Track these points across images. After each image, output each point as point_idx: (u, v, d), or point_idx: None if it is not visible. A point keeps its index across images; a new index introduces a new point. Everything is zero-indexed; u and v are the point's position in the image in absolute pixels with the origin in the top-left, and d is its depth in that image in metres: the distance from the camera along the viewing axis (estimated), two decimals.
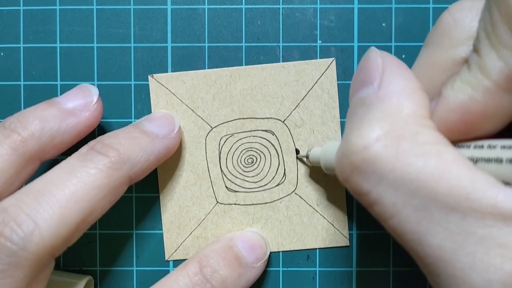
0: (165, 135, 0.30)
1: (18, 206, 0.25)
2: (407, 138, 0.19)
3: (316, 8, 0.32)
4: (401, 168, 0.19)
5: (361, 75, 0.22)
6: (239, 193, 0.33)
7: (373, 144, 0.19)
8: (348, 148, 0.20)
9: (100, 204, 0.27)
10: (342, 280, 0.33)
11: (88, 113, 0.29)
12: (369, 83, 0.21)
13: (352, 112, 0.22)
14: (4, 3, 0.33)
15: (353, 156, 0.20)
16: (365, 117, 0.21)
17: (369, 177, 0.20)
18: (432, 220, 0.18)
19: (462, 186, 0.18)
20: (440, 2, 0.32)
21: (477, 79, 0.20)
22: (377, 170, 0.19)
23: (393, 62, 0.22)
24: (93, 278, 0.33)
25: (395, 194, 0.19)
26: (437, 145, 0.19)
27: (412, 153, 0.19)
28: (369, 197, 0.20)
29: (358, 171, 0.20)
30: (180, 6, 0.33)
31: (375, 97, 0.21)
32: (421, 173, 0.18)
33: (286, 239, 0.33)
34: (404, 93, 0.20)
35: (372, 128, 0.20)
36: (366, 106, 0.21)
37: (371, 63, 0.22)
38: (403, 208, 0.19)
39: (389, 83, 0.21)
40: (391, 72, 0.21)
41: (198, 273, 0.29)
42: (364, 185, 0.20)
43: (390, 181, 0.19)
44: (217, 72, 0.33)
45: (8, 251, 0.24)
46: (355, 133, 0.20)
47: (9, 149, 0.26)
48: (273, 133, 0.33)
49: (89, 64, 0.33)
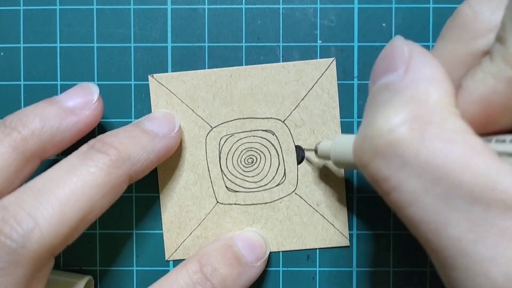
0: (165, 134, 0.30)
1: (18, 204, 0.25)
2: (435, 124, 0.19)
3: (316, 8, 0.32)
4: (426, 154, 0.18)
5: (385, 62, 0.22)
6: (239, 193, 0.33)
7: (399, 127, 0.19)
8: (371, 131, 0.20)
9: (100, 202, 0.26)
10: (342, 280, 0.33)
11: (88, 111, 0.29)
12: (394, 70, 0.21)
13: (373, 98, 0.21)
14: (4, 3, 0.33)
15: (376, 139, 0.19)
16: (390, 101, 0.20)
17: (392, 161, 0.19)
18: (454, 210, 0.18)
19: (488, 176, 0.17)
20: (440, 2, 0.32)
21: (500, 70, 0.19)
22: (401, 154, 0.19)
23: (420, 50, 0.21)
24: (93, 278, 0.33)
25: (417, 180, 0.18)
26: (464, 133, 0.19)
27: (438, 139, 0.18)
28: (388, 183, 0.19)
29: (380, 155, 0.19)
30: (180, 6, 0.33)
31: (401, 83, 0.20)
32: (446, 160, 0.18)
33: (286, 239, 0.33)
34: (432, 79, 0.20)
35: (398, 112, 0.19)
36: (390, 91, 0.20)
37: (396, 51, 0.21)
38: (423, 196, 0.18)
39: (416, 70, 0.20)
40: (418, 59, 0.21)
41: (198, 272, 0.29)
42: (385, 170, 0.19)
43: (413, 166, 0.18)
44: (217, 72, 0.33)
45: (7, 249, 0.24)
46: (379, 116, 0.20)
47: (9, 147, 0.26)
48: (273, 133, 0.33)
49: (89, 64, 0.33)
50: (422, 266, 0.33)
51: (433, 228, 0.18)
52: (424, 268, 0.33)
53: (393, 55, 0.21)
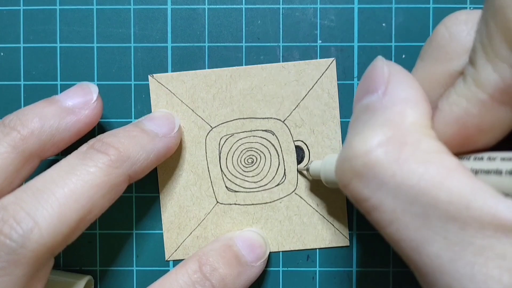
0: (165, 134, 0.30)
1: (17, 204, 0.25)
2: (409, 145, 0.19)
3: (316, 8, 0.32)
4: (402, 174, 0.19)
5: (366, 83, 0.22)
6: (239, 193, 0.33)
7: (375, 149, 0.19)
8: (349, 152, 0.20)
9: (100, 202, 0.26)
10: (342, 280, 0.33)
11: (87, 111, 0.29)
12: (374, 91, 0.21)
13: (355, 118, 0.22)
14: (4, 3, 0.33)
15: (354, 161, 0.20)
16: (368, 122, 0.21)
17: (370, 182, 0.20)
18: (431, 228, 0.18)
19: (462, 195, 0.18)
20: (440, 2, 0.32)
21: (472, 92, 0.19)
22: (378, 175, 0.19)
23: (399, 71, 0.22)
24: (93, 278, 0.33)
25: (394, 200, 0.19)
26: (439, 153, 0.19)
27: (413, 160, 0.19)
28: (369, 203, 0.20)
29: (358, 176, 0.20)
30: (180, 6, 0.33)
31: (379, 104, 0.21)
32: (421, 180, 0.18)
33: (286, 239, 0.33)
34: (409, 101, 0.20)
35: (374, 134, 0.20)
36: (369, 112, 0.21)
37: (377, 72, 0.22)
38: (402, 215, 0.19)
39: (394, 91, 0.21)
40: (396, 80, 0.21)
41: (197, 271, 0.29)
42: (364, 190, 0.20)
43: (390, 187, 0.19)
44: (217, 72, 0.33)
45: (7, 248, 0.24)
46: (357, 138, 0.20)
47: (9, 147, 0.26)
48: (273, 133, 0.33)
49: (89, 64, 0.33)
50: None
51: (413, 246, 0.19)
52: None
53: (373, 76, 0.22)
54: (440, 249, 0.18)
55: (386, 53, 0.32)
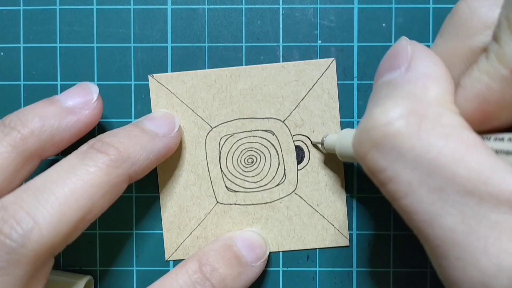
0: (165, 134, 0.30)
1: (17, 204, 0.25)
2: (430, 119, 0.19)
3: (316, 8, 0.32)
4: (421, 147, 0.19)
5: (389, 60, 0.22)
6: (239, 193, 0.33)
7: (396, 121, 0.19)
8: (369, 123, 0.20)
9: (100, 202, 0.26)
10: (342, 280, 0.33)
11: (88, 111, 0.29)
12: (396, 67, 0.21)
13: (375, 93, 0.22)
14: (4, 3, 0.33)
15: (374, 131, 0.20)
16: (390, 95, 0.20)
17: (388, 153, 0.19)
18: (447, 202, 0.18)
19: (481, 171, 0.18)
20: (440, 2, 0.32)
21: (494, 68, 0.19)
22: (397, 146, 0.19)
23: (423, 49, 0.21)
24: (93, 278, 0.33)
25: (412, 172, 0.19)
26: (460, 128, 0.19)
27: (434, 133, 0.19)
28: (385, 174, 0.20)
29: (377, 146, 0.20)
30: (180, 6, 0.33)
31: (402, 79, 0.21)
32: (441, 154, 0.18)
33: (286, 239, 0.33)
34: (431, 76, 0.20)
35: (396, 105, 0.20)
36: (391, 87, 0.21)
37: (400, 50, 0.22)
38: (418, 187, 0.19)
39: (417, 67, 0.21)
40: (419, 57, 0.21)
41: (197, 271, 0.29)
42: (381, 161, 0.20)
43: (408, 158, 0.19)
44: (217, 72, 0.33)
45: (7, 248, 0.24)
46: (378, 109, 0.20)
47: (9, 146, 0.26)
48: (273, 133, 0.33)
49: (89, 64, 0.33)
50: (422, 267, 0.33)
51: (427, 219, 0.19)
52: (424, 269, 0.33)
53: (396, 54, 0.22)
54: (455, 222, 0.18)
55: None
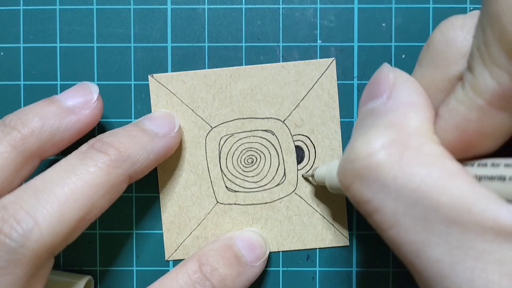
0: (165, 134, 0.30)
1: (17, 204, 0.25)
2: (412, 148, 0.19)
3: (316, 8, 0.32)
4: (404, 177, 0.19)
5: (372, 88, 0.22)
6: (239, 193, 0.33)
7: (378, 152, 0.19)
8: (352, 154, 0.20)
9: (100, 202, 0.26)
10: (342, 280, 0.33)
11: (88, 111, 0.29)
12: (378, 95, 0.22)
13: (359, 122, 0.22)
14: (4, 3, 0.33)
15: (356, 163, 0.20)
16: (372, 125, 0.21)
17: (371, 184, 0.20)
18: (432, 232, 0.18)
19: (464, 199, 0.18)
20: (440, 2, 0.32)
21: (470, 99, 0.19)
22: (380, 177, 0.19)
23: (404, 77, 0.22)
24: (93, 278, 0.33)
25: (396, 203, 0.19)
26: (441, 157, 0.19)
27: (415, 163, 0.19)
28: (370, 205, 0.20)
29: (360, 178, 0.20)
30: (180, 6, 0.33)
31: (384, 108, 0.21)
32: (423, 183, 0.18)
33: (286, 239, 0.33)
34: (413, 105, 0.21)
35: (377, 136, 0.20)
36: (373, 116, 0.21)
37: (382, 77, 0.22)
38: (403, 218, 0.19)
39: (398, 95, 0.21)
40: (401, 85, 0.21)
41: (197, 271, 0.29)
42: (366, 192, 0.20)
43: (391, 189, 0.19)
44: (217, 72, 0.33)
45: (7, 248, 0.24)
46: (360, 140, 0.20)
47: (9, 146, 0.26)
48: (273, 133, 0.33)
49: (89, 64, 0.33)
50: None
51: (414, 249, 0.19)
52: None
53: (378, 82, 0.22)
54: (440, 253, 0.18)
55: (386, 53, 0.32)
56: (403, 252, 0.19)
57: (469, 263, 0.17)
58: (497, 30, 0.18)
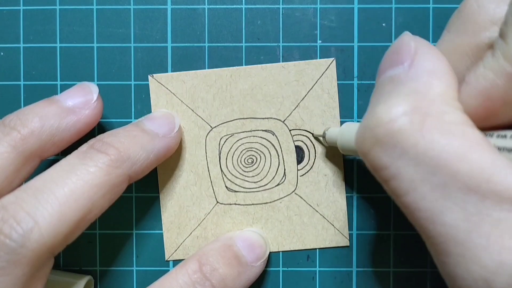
0: (165, 134, 0.30)
1: (17, 204, 0.25)
2: (434, 116, 0.19)
3: (316, 8, 0.32)
4: (424, 144, 0.19)
5: (392, 56, 0.22)
6: (239, 193, 0.33)
7: (399, 118, 0.19)
8: (372, 120, 0.20)
9: (100, 202, 0.26)
10: (342, 280, 0.33)
11: (88, 111, 0.29)
12: (399, 63, 0.21)
13: (378, 89, 0.22)
14: (4, 3, 0.33)
15: (377, 129, 0.20)
16: (393, 92, 0.21)
17: (391, 150, 0.19)
18: (450, 199, 0.18)
19: (484, 168, 0.18)
20: (440, 2, 0.32)
21: (500, 65, 0.19)
22: (400, 143, 0.19)
23: (426, 45, 0.21)
24: (93, 278, 0.33)
25: (415, 169, 0.19)
26: (463, 125, 0.19)
27: (437, 131, 0.19)
28: (387, 171, 0.20)
29: (380, 143, 0.20)
30: (180, 6, 0.33)
31: (405, 76, 0.21)
32: (443, 151, 0.18)
33: (286, 239, 0.33)
34: (435, 73, 0.20)
35: (399, 103, 0.20)
36: (394, 83, 0.21)
37: (403, 45, 0.22)
38: (421, 185, 0.19)
39: (421, 63, 0.21)
40: (423, 53, 0.21)
41: (197, 271, 0.29)
42: (384, 158, 0.20)
43: (411, 156, 0.19)
44: (217, 72, 0.33)
45: (7, 248, 0.24)
46: (381, 107, 0.20)
47: (9, 146, 0.26)
48: (273, 133, 0.33)
49: (89, 64, 0.33)
50: (422, 267, 0.33)
51: (429, 216, 0.19)
52: (424, 269, 0.33)
53: (400, 50, 0.22)
54: (457, 219, 0.18)
55: None
56: (418, 218, 0.19)
57: (485, 230, 0.17)
58: None
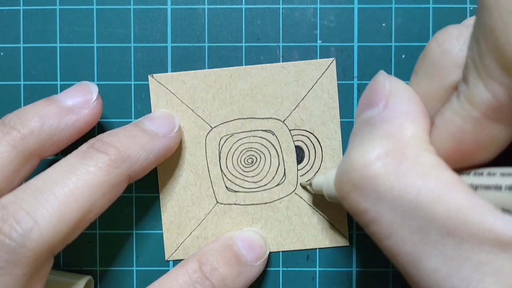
0: (165, 134, 0.30)
1: (17, 203, 0.25)
2: (408, 159, 0.19)
3: (316, 8, 0.32)
4: (400, 188, 0.19)
5: (368, 97, 0.22)
6: (239, 193, 0.33)
7: (374, 162, 0.20)
8: (348, 165, 0.20)
9: (99, 202, 0.26)
10: (342, 280, 0.33)
11: (87, 110, 0.29)
12: (374, 105, 0.21)
13: (355, 132, 0.22)
14: (4, 3, 0.33)
15: (353, 173, 0.20)
16: (368, 136, 0.21)
17: (368, 195, 0.20)
18: (428, 243, 0.18)
19: (460, 209, 0.18)
20: (440, 2, 0.32)
21: (465, 110, 0.19)
22: (376, 188, 0.19)
23: (401, 86, 0.22)
24: (93, 278, 0.33)
25: (392, 213, 0.19)
26: (437, 168, 0.19)
27: (411, 174, 0.19)
28: (367, 216, 0.20)
29: (357, 188, 0.20)
30: (180, 6, 0.33)
31: (379, 118, 0.21)
32: (419, 194, 0.18)
33: (286, 239, 0.33)
34: (408, 115, 0.21)
35: (373, 147, 0.20)
36: (369, 126, 0.21)
37: (378, 86, 0.22)
38: (400, 229, 0.19)
39: (394, 105, 0.21)
40: (397, 95, 0.21)
41: (197, 271, 0.29)
42: (362, 203, 0.20)
43: (388, 200, 0.19)
44: (217, 72, 0.33)
45: (7, 248, 0.24)
46: (356, 151, 0.20)
47: (9, 146, 0.26)
48: (273, 133, 0.33)
49: (89, 64, 0.33)
50: None
51: (411, 260, 0.19)
52: None
53: (375, 90, 0.22)
54: (437, 263, 0.18)
55: (386, 53, 0.32)
56: (400, 262, 0.19)
57: (465, 274, 0.17)
58: (491, 43, 0.18)
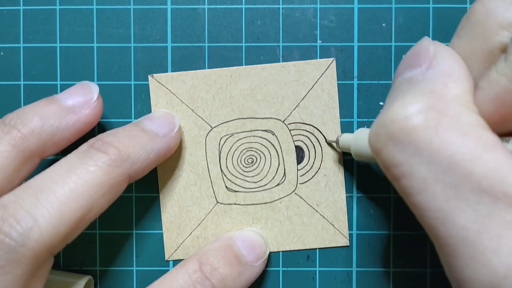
0: (165, 134, 0.30)
1: (17, 203, 0.25)
2: (449, 116, 0.19)
3: (316, 8, 0.32)
4: (439, 143, 0.19)
5: (410, 59, 0.22)
6: (239, 193, 0.33)
7: (415, 115, 0.19)
8: (387, 116, 0.20)
9: (99, 201, 0.26)
10: (342, 280, 0.33)
11: (88, 110, 0.29)
12: (418, 65, 0.21)
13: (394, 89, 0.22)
14: (4, 3, 0.33)
15: (391, 125, 0.20)
16: (410, 90, 0.20)
17: (405, 147, 0.19)
18: (462, 200, 0.18)
19: (498, 170, 0.18)
20: (440, 2, 0.32)
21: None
22: (414, 141, 0.19)
23: (445, 48, 0.22)
24: (93, 278, 0.33)
25: (428, 168, 0.19)
26: (478, 127, 0.19)
27: (452, 130, 0.19)
28: (400, 169, 0.20)
29: (394, 140, 0.20)
30: (180, 6, 0.33)
31: (422, 77, 0.21)
32: (458, 151, 0.18)
33: (286, 239, 0.33)
34: (452, 75, 0.20)
35: (415, 101, 0.20)
36: (411, 83, 0.21)
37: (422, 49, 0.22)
38: (433, 184, 0.19)
39: (438, 65, 0.21)
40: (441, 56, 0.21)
41: (197, 271, 0.29)
42: (397, 155, 0.20)
43: (425, 154, 0.19)
44: (217, 72, 0.33)
45: (7, 247, 0.24)
46: (397, 103, 0.20)
47: (9, 145, 0.26)
48: (273, 133, 0.33)
49: (89, 64, 0.33)
50: (422, 267, 0.33)
51: (440, 216, 0.19)
52: (424, 269, 0.33)
53: (418, 53, 0.22)
54: (468, 220, 0.18)
55: (386, 53, 0.32)
56: (428, 218, 0.19)
57: (496, 232, 0.17)
58: None
